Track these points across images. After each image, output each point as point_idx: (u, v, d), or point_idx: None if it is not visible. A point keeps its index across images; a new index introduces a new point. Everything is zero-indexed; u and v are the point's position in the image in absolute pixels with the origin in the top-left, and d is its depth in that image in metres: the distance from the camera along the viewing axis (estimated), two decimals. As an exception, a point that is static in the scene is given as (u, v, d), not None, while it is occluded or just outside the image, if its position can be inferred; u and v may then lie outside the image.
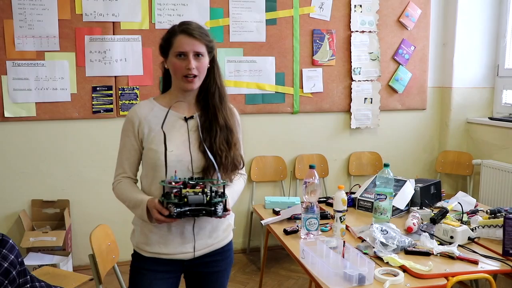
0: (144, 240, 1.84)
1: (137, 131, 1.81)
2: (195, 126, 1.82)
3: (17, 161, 3.70)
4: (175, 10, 3.85)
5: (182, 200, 1.64)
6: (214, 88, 1.84)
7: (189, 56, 1.75)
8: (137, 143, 1.82)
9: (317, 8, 4.18)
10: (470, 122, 4.55)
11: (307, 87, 4.22)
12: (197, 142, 1.80)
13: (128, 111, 1.89)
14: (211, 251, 1.87)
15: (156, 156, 1.76)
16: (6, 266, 2.01)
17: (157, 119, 1.80)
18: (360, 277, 1.83)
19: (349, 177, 4.48)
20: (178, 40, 1.76)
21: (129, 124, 1.83)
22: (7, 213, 3.71)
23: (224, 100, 1.85)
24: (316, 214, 2.28)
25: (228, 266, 1.97)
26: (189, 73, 1.75)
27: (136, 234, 1.88)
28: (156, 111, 1.83)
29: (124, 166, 1.85)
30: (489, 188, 4.17)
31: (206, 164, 1.77)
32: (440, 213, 2.50)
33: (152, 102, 1.86)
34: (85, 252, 3.46)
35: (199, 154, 1.78)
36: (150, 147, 1.78)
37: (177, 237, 1.81)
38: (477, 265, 2.01)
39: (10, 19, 3.54)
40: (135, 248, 1.89)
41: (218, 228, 1.88)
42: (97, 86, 3.75)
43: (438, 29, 4.53)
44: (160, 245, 1.81)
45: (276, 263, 4.01)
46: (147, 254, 1.83)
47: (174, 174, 1.71)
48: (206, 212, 1.66)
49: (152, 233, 1.81)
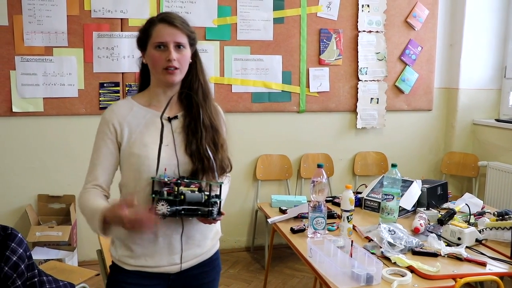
0: (127, 253, 1.64)
1: (115, 134, 1.62)
2: (180, 127, 1.65)
3: (24, 156, 3.72)
4: (183, 7, 3.86)
5: (178, 197, 1.48)
6: (197, 85, 1.67)
7: (169, 47, 1.58)
8: (114, 147, 1.63)
9: (325, 8, 4.18)
10: (476, 124, 4.54)
11: (313, 86, 4.22)
12: (183, 145, 1.63)
13: (105, 111, 1.68)
14: (199, 262, 1.71)
15: (139, 161, 1.58)
16: (15, 259, 2.02)
17: (138, 120, 1.63)
18: (368, 277, 1.83)
19: (354, 177, 4.48)
20: (157, 30, 1.60)
21: (105, 126, 1.63)
22: (13, 208, 3.73)
23: (208, 98, 1.69)
24: (323, 213, 2.28)
25: (217, 275, 1.82)
26: (170, 65, 1.58)
27: (117, 246, 1.67)
28: (135, 111, 1.65)
29: (95, 173, 1.62)
30: (495, 190, 4.17)
31: (194, 168, 1.61)
32: (447, 214, 2.50)
33: (130, 102, 1.69)
34: (90, 247, 3.48)
35: (186, 158, 1.61)
36: (132, 151, 1.60)
37: (164, 248, 1.63)
38: (485, 267, 2.01)
39: (20, 14, 3.55)
40: (116, 261, 1.68)
41: (207, 236, 1.72)
42: (104, 82, 3.76)
43: (445, 29, 4.52)
44: (146, 257, 1.63)
45: (280, 261, 4.01)
46: (130, 267, 1.64)
47: (164, 172, 1.55)
48: (201, 213, 1.52)
49: (136, 245, 1.62)
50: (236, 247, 4.23)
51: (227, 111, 1.89)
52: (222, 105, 1.85)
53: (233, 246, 4.22)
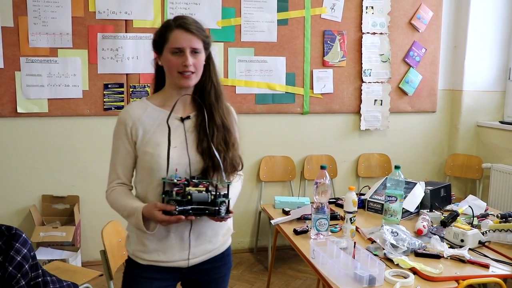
0: (141, 248, 1.73)
1: (131, 134, 1.70)
2: (192, 127, 1.72)
3: (28, 157, 3.73)
4: (187, 9, 3.87)
5: (185, 198, 1.55)
6: (210, 86, 1.73)
7: (186, 52, 1.64)
8: (130, 146, 1.71)
9: (329, 9, 4.18)
10: (480, 126, 4.53)
11: (317, 88, 4.23)
12: (194, 144, 1.70)
13: (120, 112, 1.77)
14: (210, 258, 1.79)
15: (152, 160, 1.66)
16: (19, 259, 2.03)
17: (152, 120, 1.71)
18: (370, 278, 1.83)
19: (357, 178, 4.48)
20: (174, 35, 1.65)
21: (122, 126, 1.72)
22: (18, 208, 3.74)
23: (220, 99, 1.75)
24: (326, 214, 2.28)
25: (227, 271, 1.89)
26: (186, 69, 1.64)
27: (132, 241, 1.77)
28: (149, 111, 1.72)
29: (117, 172, 1.74)
30: (499, 192, 4.16)
31: (205, 166, 1.68)
32: (450, 216, 2.49)
33: (145, 102, 1.76)
34: (94, 248, 3.49)
35: (197, 156, 1.68)
36: (146, 150, 1.68)
37: (176, 243, 1.71)
38: (488, 269, 2.00)
39: (25, 16, 3.57)
40: (131, 255, 1.78)
41: (218, 233, 1.80)
42: (108, 84, 3.78)
43: (449, 31, 4.52)
44: (158, 252, 1.71)
45: (283, 263, 4.02)
46: (143, 262, 1.73)
47: (175, 172, 1.63)
48: (209, 212, 1.59)
49: (149, 241, 1.71)
50: (239, 248, 4.24)
51: (231, 112, 1.90)
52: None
53: (236, 247, 4.22)
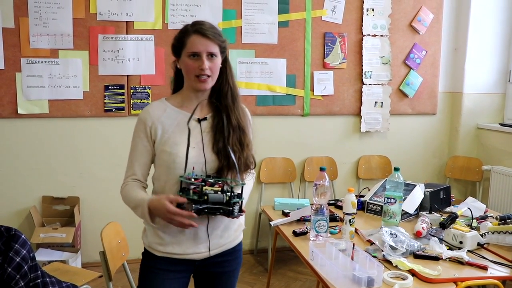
0: (157, 240, 1.82)
1: (150, 133, 1.79)
2: (209, 128, 1.81)
3: (29, 158, 3.74)
4: (188, 10, 3.88)
5: (202, 197, 1.63)
6: (227, 88, 1.82)
7: (202, 56, 1.73)
8: (149, 145, 1.80)
9: (329, 11, 4.19)
10: (481, 128, 4.53)
11: (317, 90, 4.23)
12: (210, 144, 1.78)
13: (141, 111, 1.86)
14: (222, 251, 1.87)
15: (170, 159, 1.74)
16: (18, 260, 2.04)
17: (170, 120, 1.79)
18: (369, 280, 1.83)
19: (358, 180, 4.48)
20: (191, 40, 1.74)
21: (142, 125, 1.81)
22: (18, 209, 3.75)
23: (236, 101, 1.84)
24: (325, 216, 2.28)
25: (238, 266, 1.97)
26: (202, 73, 1.73)
27: (149, 234, 1.86)
28: (169, 112, 1.81)
29: (134, 168, 1.82)
30: (499, 194, 4.16)
31: (220, 165, 1.76)
32: (449, 218, 2.49)
33: (164, 103, 1.84)
34: (94, 249, 3.50)
35: (213, 156, 1.77)
36: (164, 149, 1.77)
37: (190, 237, 1.80)
38: (487, 271, 2.00)
39: (26, 17, 3.58)
40: (147, 247, 1.87)
41: (230, 228, 1.88)
42: (109, 85, 3.79)
43: (450, 34, 4.52)
44: (173, 245, 1.80)
45: (283, 264, 4.02)
46: (159, 254, 1.82)
47: (192, 170, 1.71)
48: (223, 212, 1.67)
49: (165, 234, 1.80)
50: (239, 250, 4.24)
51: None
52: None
53: (236, 249, 4.23)
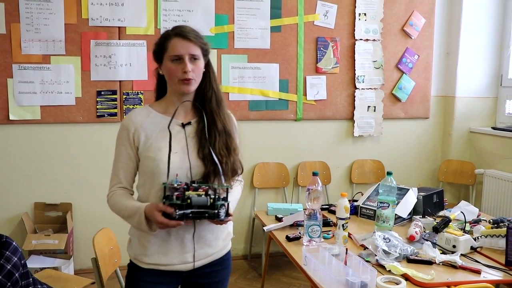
0: (142, 251, 1.78)
1: (133, 139, 1.76)
2: (193, 133, 1.77)
3: (20, 164, 3.72)
4: (181, 16, 3.87)
5: (185, 202, 1.59)
6: (211, 93, 1.79)
7: (184, 59, 1.70)
8: (133, 152, 1.77)
9: (322, 16, 4.20)
10: (473, 132, 4.55)
11: (310, 94, 4.24)
12: (195, 149, 1.74)
13: (124, 118, 1.80)
14: (210, 261, 1.83)
15: (154, 164, 1.71)
16: (9, 268, 2.01)
17: (154, 126, 1.76)
18: (362, 285, 1.83)
19: (351, 184, 4.48)
20: (172, 44, 1.72)
21: (125, 132, 1.77)
22: (10, 216, 3.72)
23: (221, 105, 1.80)
24: (318, 221, 2.28)
25: (227, 276, 1.95)
26: (185, 77, 1.70)
27: (134, 245, 1.82)
28: (152, 117, 1.78)
29: (119, 176, 1.78)
30: (492, 198, 4.17)
31: (206, 171, 1.72)
32: (442, 222, 2.49)
33: (147, 109, 1.82)
34: (87, 255, 3.46)
35: (198, 161, 1.73)
36: (147, 155, 1.73)
37: (176, 246, 1.75)
38: (480, 275, 2.01)
39: (17, 22, 3.56)
40: (133, 259, 1.82)
41: (218, 237, 1.84)
42: (101, 90, 3.77)
43: (442, 38, 4.54)
44: (159, 255, 1.75)
45: (277, 269, 4.01)
46: (145, 265, 1.78)
47: (175, 177, 1.66)
48: (209, 215, 1.62)
49: (151, 244, 1.75)
50: (233, 255, 4.17)
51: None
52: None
53: (230, 254, 4.22)
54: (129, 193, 1.80)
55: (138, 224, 1.69)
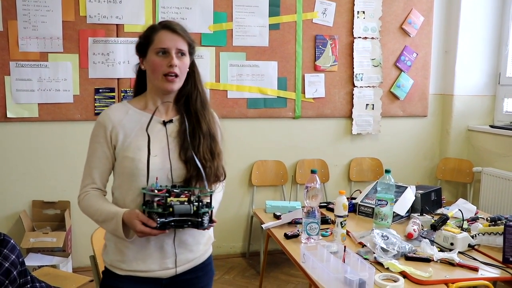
0: (119, 257, 1.66)
1: (110, 137, 1.64)
2: (175, 132, 1.67)
3: (18, 162, 3.71)
4: (179, 13, 3.87)
5: (167, 210, 1.48)
6: (196, 94, 1.70)
7: (171, 52, 1.61)
8: (109, 151, 1.65)
9: (320, 14, 4.20)
10: (471, 130, 4.55)
11: (309, 92, 4.24)
12: (176, 150, 1.64)
13: (100, 114, 1.70)
14: (192, 267, 1.72)
15: (133, 165, 1.60)
16: (7, 266, 2.02)
17: (133, 124, 1.65)
18: (360, 282, 1.83)
19: (349, 182, 4.48)
20: (159, 36, 1.62)
21: (101, 129, 1.65)
22: (7, 214, 3.71)
23: (206, 106, 1.72)
24: (317, 219, 2.28)
25: (210, 281, 1.83)
26: (171, 71, 1.60)
27: (110, 250, 1.69)
28: (131, 114, 1.67)
29: (93, 176, 1.66)
30: (489, 196, 4.18)
31: (188, 175, 1.62)
32: (440, 219, 2.50)
33: (126, 105, 1.71)
34: (85, 253, 3.46)
35: (179, 163, 1.63)
36: (126, 155, 1.62)
37: (156, 251, 1.64)
38: (477, 272, 2.01)
39: (14, 20, 3.55)
40: (108, 266, 1.70)
41: (199, 242, 1.73)
42: (99, 88, 3.77)
43: (440, 36, 4.54)
44: (137, 261, 1.64)
45: (275, 267, 4.01)
46: (122, 272, 1.65)
47: (155, 181, 1.56)
48: (192, 223, 1.52)
49: (128, 249, 1.64)
50: (231, 253, 4.23)
51: (223, 117, 1.90)
52: (218, 111, 1.87)
53: (228, 252, 4.22)
54: (103, 194, 1.68)
55: (113, 231, 1.58)
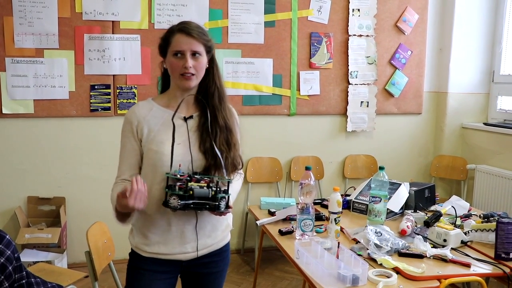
0: (143, 240, 1.83)
1: (136, 132, 1.80)
2: (195, 126, 1.81)
3: (14, 158, 3.71)
4: (175, 10, 3.87)
5: (187, 193, 1.64)
6: (214, 88, 1.83)
7: (186, 55, 1.74)
8: (137, 144, 1.81)
9: (315, 11, 4.21)
10: (465, 127, 4.58)
11: (304, 90, 4.25)
12: (197, 142, 1.79)
13: (127, 111, 1.87)
14: (210, 252, 1.87)
15: (156, 157, 1.75)
16: (3, 261, 2.02)
17: (156, 119, 1.80)
18: (353, 278, 1.85)
19: (344, 179, 4.50)
20: (175, 39, 1.76)
21: (128, 125, 1.82)
22: (2, 209, 3.72)
23: (223, 101, 1.85)
24: (311, 215, 2.30)
25: (225, 267, 1.98)
26: (186, 71, 1.74)
27: (135, 234, 1.87)
28: (155, 111, 1.82)
29: (122, 169, 1.83)
30: (483, 193, 4.21)
31: (207, 164, 1.77)
32: (433, 216, 2.52)
33: (150, 103, 1.86)
34: (80, 249, 3.47)
35: (199, 154, 1.77)
36: (150, 147, 1.77)
37: (177, 237, 1.80)
38: (470, 268, 2.03)
39: (10, 16, 3.55)
40: (134, 248, 1.87)
41: (217, 228, 1.88)
42: (95, 85, 3.77)
43: (434, 34, 4.56)
44: (159, 245, 1.81)
45: (270, 264, 4.03)
46: (146, 254, 1.83)
47: (179, 167, 1.71)
48: (209, 207, 1.68)
49: (152, 233, 1.81)
50: (226, 250, 4.25)
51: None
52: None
53: (223, 249, 4.23)
54: None
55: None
